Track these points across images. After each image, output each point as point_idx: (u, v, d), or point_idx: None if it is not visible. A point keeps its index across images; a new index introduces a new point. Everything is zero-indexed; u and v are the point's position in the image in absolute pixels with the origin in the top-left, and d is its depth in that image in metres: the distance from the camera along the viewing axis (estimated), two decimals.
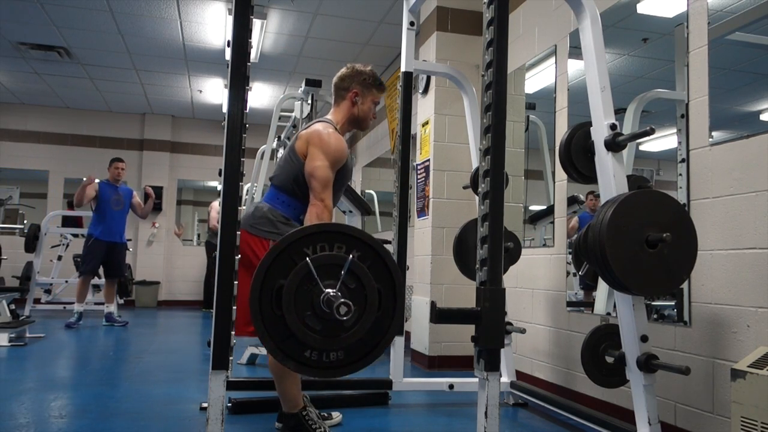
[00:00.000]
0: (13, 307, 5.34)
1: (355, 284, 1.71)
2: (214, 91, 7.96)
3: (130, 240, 8.75)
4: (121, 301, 7.65)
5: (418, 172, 4.52)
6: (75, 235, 8.08)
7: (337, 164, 2.35)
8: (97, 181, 6.16)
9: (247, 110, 1.91)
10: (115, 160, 6.43)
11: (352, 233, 1.75)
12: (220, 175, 1.89)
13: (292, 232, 1.75)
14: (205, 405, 2.64)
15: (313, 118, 4.64)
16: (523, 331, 2.99)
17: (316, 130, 2.38)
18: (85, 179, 6.15)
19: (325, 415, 2.67)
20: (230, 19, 2.26)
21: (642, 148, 2.85)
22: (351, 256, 1.70)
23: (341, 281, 1.68)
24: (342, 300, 1.62)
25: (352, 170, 2.57)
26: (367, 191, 7.27)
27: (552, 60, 3.52)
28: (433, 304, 1.82)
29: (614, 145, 2.14)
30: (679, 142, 2.49)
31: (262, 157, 5.08)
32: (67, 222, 8.51)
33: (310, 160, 2.31)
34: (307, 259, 1.68)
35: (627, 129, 2.67)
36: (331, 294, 1.65)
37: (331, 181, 2.33)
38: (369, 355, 1.76)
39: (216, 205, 7.84)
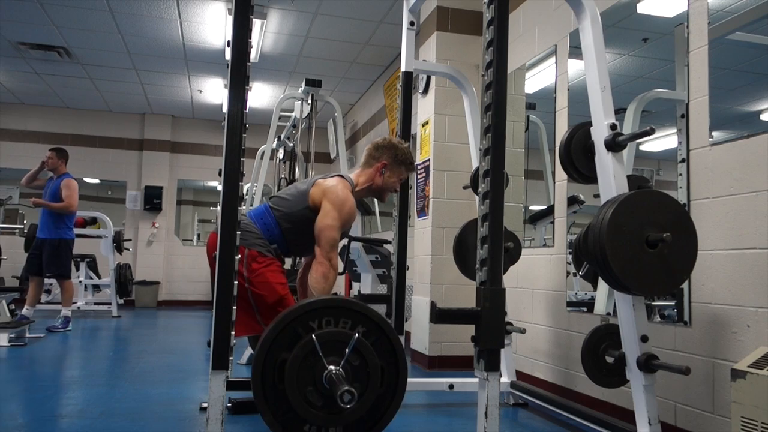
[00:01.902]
0: (12, 307, 5.34)
1: (359, 361, 1.71)
2: (214, 91, 7.96)
3: (129, 240, 8.81)
4: (121, 301, 7.65)
5: (418, 172, 4.52)
6: (75, 235, 8.08)
7: (346, 226, 2.42)
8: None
9: (247, 110, 1.91)
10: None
11: (358, 309, 1.75)
12: (220, 175, 1.89)
13: (298, 305, 1.75)
14: (205, 405, 2.64)
15: (313, 118, 4.67)
16: (523, 331, 2.99)
17: (335, 187, 2.41)
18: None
19: None
20: (230, 19, 2.26)
21: (642, 148, 2.85)
22: (356, 334, 1.70)
23: (345, 359, 1.67)
24: (346, 388, 1.61)
25: (350, 229, 2.64)
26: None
27: (552, 60, 3.52)
28: (433, 304, 1.82)
29: (614, 145, 2.14)
30: (679, 142, 2.49)
31: (262, 157, 5.09)
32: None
33: (323, 217, 2.35)
34: (313, 335, 1.68)
35: (627, 129, 2.67)
36: (334, 372, 1.64)
37: (338, 242, 2.38)
38: None
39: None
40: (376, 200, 2.79)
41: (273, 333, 1.69)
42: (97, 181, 9.76)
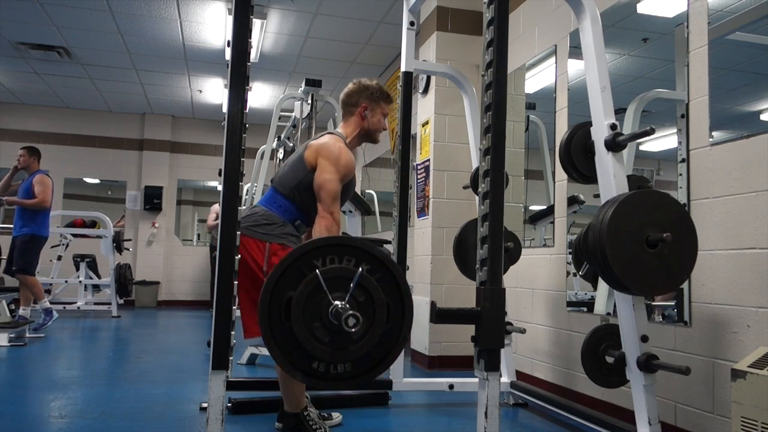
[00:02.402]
0: (12, 307, 5.34)
1: (364, 297, 1.71)
2: (214, 91, 7.96)
3: (129, 240, 8.81)
4: (121, 301, 7.65)
5: (418, 172, 4.52)
6: (75, 235, 8.09)
7: (346, 178, 2.40)
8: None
9: (247, 110, 1.91)
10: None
11: (362, 246, 1.76)
12: (220, 175, 1.89)
13: (302, 244, 1.76)
14: (205, 405, 2.64)
15: (313, 118, 4.66)
16: (523, 331, 2.99)
17: (327, 143, 2.41)
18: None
19: (326, 415, 2.67)
20: (230, 19, 2.26)
21: (642, 148, 2.85)
22: (360, 269, 1.71)
23: (350, 294, 1.68)
24: (350, 312, 1.63)
25: (354, 183, 2.61)
26: (367, 191, 7.27)
27: (552, 60, 3.52)
28: (433, 304, 1.82)
29: (614, 145, 2.14)
30: (679, 142, 2.49)
31: (262, 157, 5.08)
32: None
33: (320, 173, 2.34)
34: (317, 270, 1.69)
35: (627, 129, 2.67)
36: (340, 306, 1.65)
37: (339, 194, 2.36)
38: (376, 369, 1.76)
39: (215, 207, 7.85)
40: (375, 197, 2.78)
41: (277, 272, 1.69)
42: (97, 181, 9.76)
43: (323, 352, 1.69)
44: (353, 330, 1.62)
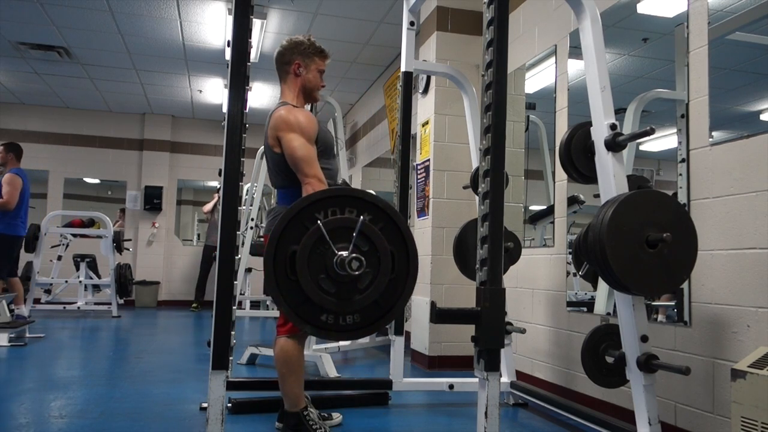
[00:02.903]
0: (13, 307, 5.34)
1: (368, 246, 1.71)
2: (214, 91, 7.96)
3: (129, 240, 8.81)
4: (121, 301, 7.66)
5: (418, 172, 4.52)
6: (75, 235, 8.09)
7: (312, 135, 2.32)
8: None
9: (247, 110, 1.91)
10: None
11: (362, 196, 1.76)
12: (220, 175, 1.89)
13: (301, 198, 1.75)
14: (205, 405, 2.64)
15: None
16: (523, 331, 2.99)
17: (276, 116, 2.35)
18: None
19: (326, 415, 2.67)
20: (230, 19, 2.26)
21: (642, 148, 2.85)
22: (362, 218, 1.70)
23: (353, 243, 1.68)
24: (354, 255, 1.62)
25: (331, 137, 2.52)
26: (367, 191, 7.26)
27: (552, 60, 3.52)
28: (433, 304, 1.82)
29: (614, 145, 2.14)
30: (679, 142, 2.49)
31: (262, 157, 5.08)
32: None
33: (285, 146, 2.28)
34: (319, 222, 1.68)
35: (627, 129, 2.67)
36: (344, 255, 1.65)
37: (314, 156, 2.30)
38: (385, 317, 1.77)
39: (214, 198, 8.08)
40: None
41: (280, 227, 1.69)
42: (97, 181, 9.77)
43: (331, 303, 1.68)
44: (357, 273, 1.62)
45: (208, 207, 8.36)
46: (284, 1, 5.11)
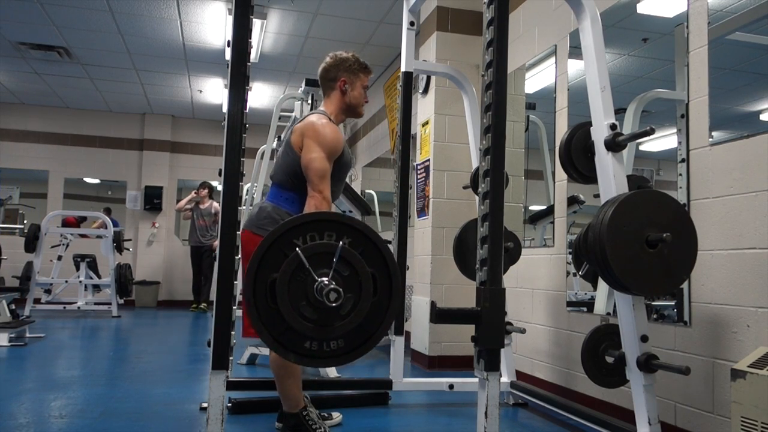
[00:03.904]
0: (13, 307, 5.34)
1: (349, 271, 1.69)
2: (214, 91, 7.96)
3: (129, 240, 8.81)
4: (121, 301, 7.66)
5: (418, 172, 4.52)
6: (75, 235, 8.09)
7: (334, 154, 2.33)
8: None
9: (247, 110, 1.91)
10: None
11: (341, 220, 1.74)
12: (220, 175, 1.89)
13: (279, 225, 1.74)
14: (205, 405, 2.64)
15: None
16: (523, 331, 2.99)
17: (310, 121, 2.36)
18: None
19: (326, 415, 2.67)
20: (230, 19, 2.26)
21: (642, 148, 2.85)
22: (341, 242, 1.69)
23: (333, 269, 1.67)
24: (331, 287, 1.61)
25: (350, 161, 2.55)
26: (367, 191, 7.27)
27: (552, 60, 3.52)
28: (433, 304, 1.82)
29: (614, 145, 2.14)
30: (679, 142, 2.49)
31: (262, 157, 5.08)
32: None
33: (306, 153, 2.29)
34: (297, 249, 1.67)
35: (627, 129, 2.67)
36: (324, 282, 1.64)
37: (329, 173, 2.31)
38: (369, 341, 1.75)
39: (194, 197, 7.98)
40: (375, 197, 2.74)
41: (258, 255, 1.67)
42: (97, 181, 9.77)
43: (313, 330, 1.66)
44: (335, 305, 1.61)
45: (182, 204, 8.19)
46: (284, 1, 5.11)
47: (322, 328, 1.67)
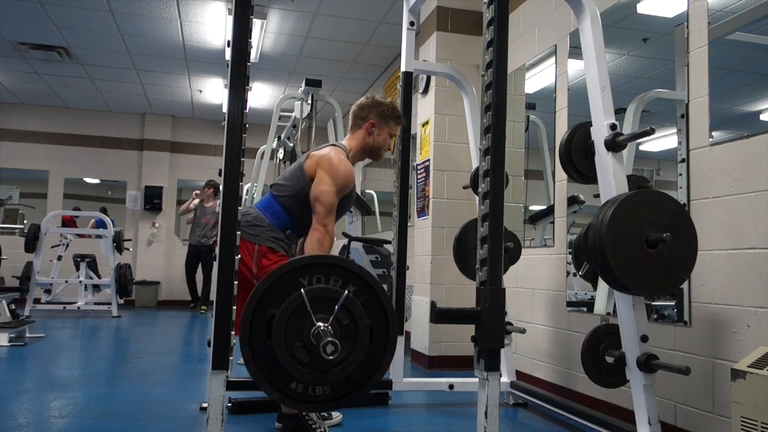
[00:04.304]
0: (13, 307, 5.34)
1: (348, 320, 1.69)
2: (214, 91, 7.96)
3: (129, 240, 8.81)
4: (121, 301, 7.66)
5: (418, 172, 4.52)
6: (75, 235, 8.09)
7: (343, 191, 2.37)
8: None
9: (247, 110, 1.91)
10: None
11: (349, 267, 1.74)
12: (220, 175, 1.88)
13: (288, 261, 1.75)
14: (205, 405, 2.64)
15: (313, 118, 4.66)
16: (523, 331, 2.99)
17: (327, 154, 2.38)
18: None
19: (325, 415, 2.67)
20: (230, 19, 2.26)
21: (642, 148, 2.85)
22: (346, 292, 1.69)
23: (334, 316, 1.67)
24: (329, 339, 1.60)
25: (354, 197, 2.58)
26: (367, 191, 7.27)
27: (552, 60, 3.52)
28: (433, 304, 1.82)
29: (614, 145, 2.14)
30: (679, 142, 2.49)
31: (262, 157, 5.08)
32: None
33: (317, 184, 2.32)
34: (302, 290, 1.67)
35: (627, 129, 2.67)
36: (322, 328, 1.63)
37: (335, 208, 2.34)
38: (356, 392, 1.74)
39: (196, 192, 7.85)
40: (375, 197, 2.76)
41: (262, 287, 1.67)
42: (97, 181, 9.77)
43: (302, 374, 1.66)
44: (331, 358, 1.60)
45: (183, 208, 8.04)
46: (284, 1, 5.11)
47: (311, 373, 1.66)
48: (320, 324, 1.64)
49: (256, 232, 2.34)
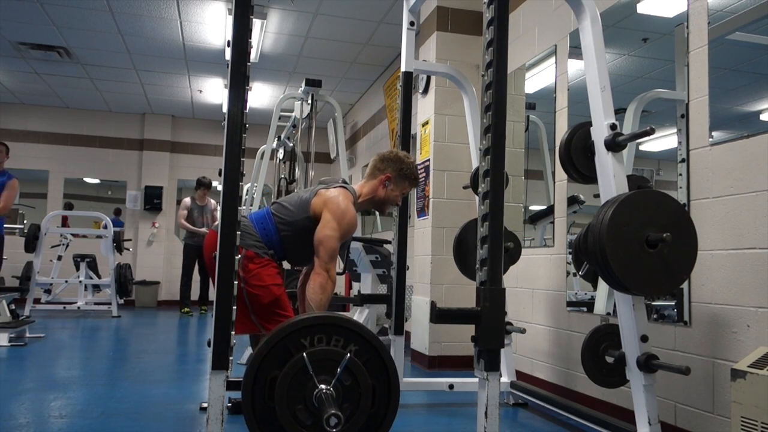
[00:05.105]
0: (13, 307, 5.34)
1: (351, 381, 1.69)
2: (214, 91, 7.96)
3: (129, 240, 8.82)
4: (121, 301, 7.65)
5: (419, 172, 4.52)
6: (75, 235, 8.09)
7: (346, 237, 2.40)
8: None
9: (247, 110, 1.91)
10: None
11: (350, 327, 1.74)
12: (220, 175, 1.88)
13: (290, 321, 1.75)
14: (205, 405, 2.64)
15: (313, 118, 4.67)
16: (523, 331, 2.99)
17: (336, 198, 2.38)
18: None
19: None
20: (230, 19, 2.26)
21: (642, 148, 2.85)
22: (348, 354, 1.69)
23: (337, 378, 1.67)
24: (332, 412, 1.59)
25: (350, 242, 2.59)
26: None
27: (552, 60, 3.51)
28: (433, 304, 1.82)
29: (614, 145, 2.14)
30: (679, 142, 2.49)
31: (262, 157, 5.08)
32: None
33: (322, 227, 2.33)
34: (304, 354, 1.67)
35: (627, 129, 2.67)
36: (324, 391, 1.64)
37: (337, 253, 2.36)
38: None
39: (185, 203, 7.55)
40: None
41: (264, 350, 1.68)
42: (97, 181, 9.77)
43: None
44: (334, 430, 1.59)
45: (181, 221, 7.60)
46: (284, 1, 5.11)
47: None
48: (323, 386, 1.65)
49: (242, 237, 2.34)
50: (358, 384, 1.69)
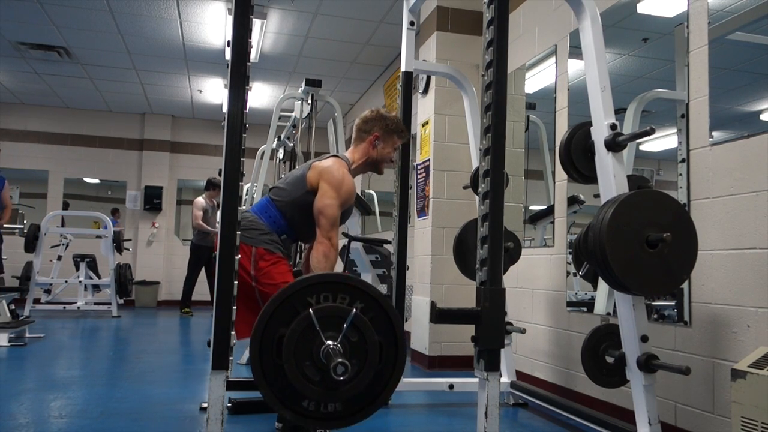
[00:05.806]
0: (13, 307, 5.34)
1: (357, 337, 1.70)
2: (214, 91, 7.96)
3: (129, 240, 8.82)
4: (121, 301, 7.65)
5: (418, 172, 4.52)
6: (75, 235, 8.09)
7: (346, 204, 2.38)
8: None
9: (247, 110, 1.91)
10: None
11: (356, 284, 1.75)
12: (219, 175, 1.88)
13: (296, 281, 1.75)
14: (205, 405, 2.64)
15: (313, 118, 4.66)
16: (523, 331, 2.99)
17: (331, 167, 2.38)
18: None
19: None
20: (230, 19, 2.26)
21: (642, 148, 2.85)
22: (354, 310, 1.69)
23: (343, 334, 1.67)
24: (339, 360, 1.61)
25: (353, 208, 2.59)
26: (367, 191, 7.27)
27: (552, 60, 3.51)
28: (433, 304, 1.81)
29: (614, 145, 2.14)
30: (679, 142, 2.49)
31: (262, 157, 5.08)
32: None
33: (321, 197, 2.32)
34: (310, 309, 1.68)
35: (627, 129, 2.67)
36: (331, 347, 1.64)
37: (338, 220, 2.35)
38: (368, 408, 1.74)
39: (199, 202, 7.39)
40: (375, 197, 2.76)
41: (270, 308, 1.69)
42: (97, 181, 9.77)
43: (313, 392, 1.67)
44: (341, 378, 1.61)
45: (198, 221, 7.43)
46: (284, 1, 5.11)
47: (322, 391, 1.67)
48: (329, 342, 1.65)
49: (252, 235, 2.34)
50: (365, 340, 1.70)
